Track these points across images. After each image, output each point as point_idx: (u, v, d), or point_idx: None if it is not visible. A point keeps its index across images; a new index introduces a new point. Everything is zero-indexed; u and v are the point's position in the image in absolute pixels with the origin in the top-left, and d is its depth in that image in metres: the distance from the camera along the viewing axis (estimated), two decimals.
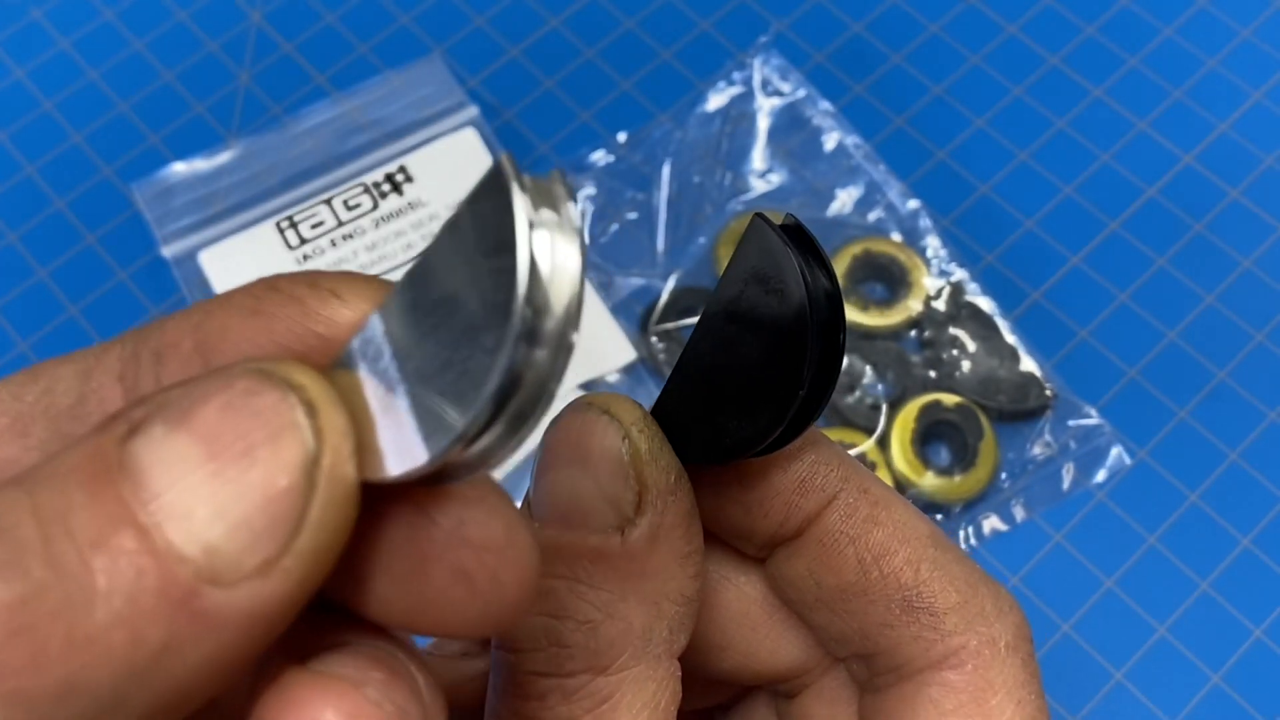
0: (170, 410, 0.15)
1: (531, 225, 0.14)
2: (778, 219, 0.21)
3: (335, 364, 0.16)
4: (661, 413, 0.22)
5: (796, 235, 0.20)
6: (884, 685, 0.23)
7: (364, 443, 0.15)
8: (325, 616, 0.17)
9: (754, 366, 0.21)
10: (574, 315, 0.14)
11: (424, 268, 0.15)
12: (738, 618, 0.24)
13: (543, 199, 0.14)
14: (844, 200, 0.52)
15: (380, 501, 0.16)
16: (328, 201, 0.51)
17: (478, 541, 0.16)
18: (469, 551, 0.16)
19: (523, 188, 0.14)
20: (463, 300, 0.14)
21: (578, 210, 0.14)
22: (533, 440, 0.16)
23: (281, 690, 0.16)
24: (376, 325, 0.16)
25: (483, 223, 0.14)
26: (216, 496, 0.14)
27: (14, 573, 0.14)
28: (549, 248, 0.14)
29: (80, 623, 0.14)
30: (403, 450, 0.15)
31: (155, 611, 0.14)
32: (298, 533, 0.15)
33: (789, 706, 0.26)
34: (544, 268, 0.14)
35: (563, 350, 0.14)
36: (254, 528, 0.14)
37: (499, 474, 0.47)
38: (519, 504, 0.21)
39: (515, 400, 0.14)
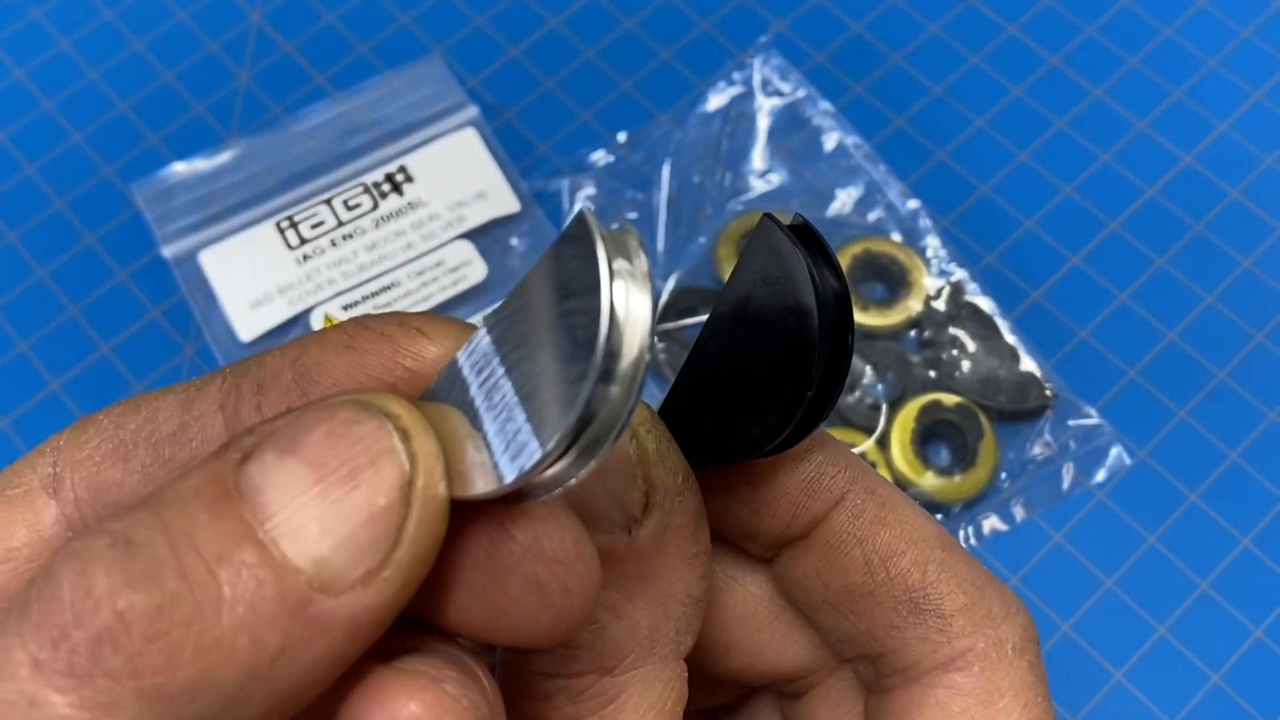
0: (279, 438, 0.17)
1: (613, 275, 0.15)
2: (786, 220, 0.21)
3: (424, 395, 0.18)
4: (668, 413, 0.22)
5: (805, 236, 0.20)
6: (890, 687, 0.23)
7: (452, 466, 0.17)
8: (404, 624, 0.18)
9: (762, 367, 0.21)
10: (644, 358, 0.16)
11: (508, 309, 0.17)
12: (744, 618, 0.24)
13: (618, 249, 0.16)
14: (844, 200, 0.52)
15: (464, 520, 0.18)
16: (328, 201, 0.51)
17: (550, 555, 0.18)
18: (543, 565, 0.18)
19: (605, 241, 0.16)
20: (548, 339, 0.16)
21: (648, 261, 0.16)
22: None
23: (369, 686, 0.17)
24: (462, 361, 0.17)
25: (567, 271, 0.16)
26: (325, 515, 0.16)
27: (152, 584, 0.15)
28: (625, 296, 0.15)
29: (209, 628, 0.15)
30: (487, 473, 0.17)
31: (274, 618, 0.16)
32: (396, 546, 0.16)
33: (794, 707, 0.26)
34: (620, 313, 0.15)
35: (634, 388, 0.16)
36: (358, 542, 0.16)
37: None
38: None
39: (590, 430, 0.16)
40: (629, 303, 0.15)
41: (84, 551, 0.16)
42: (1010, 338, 0.48)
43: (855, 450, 0.47)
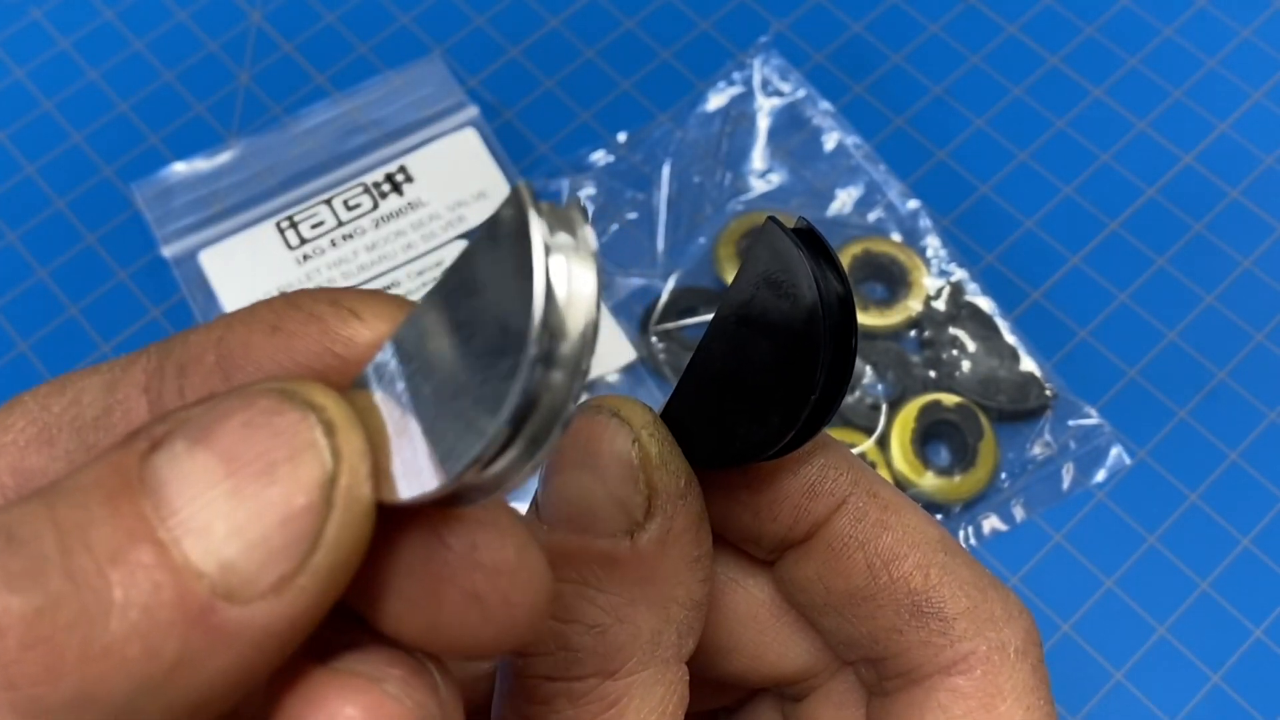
0: (191, 427, 0.15)
1: (548, 250, 0.14)
2: (790, 222, 0.21)
3: (353, 385, 0.16)
4: (671, 416, 0.22)
5: (808, 238, 0.20)
6: (892, 690, 0.23)
7: (380, 465, 0.15)
8: (344, 618, 0.17)
9: (765, 370, 0.21)
10: (590, 339, 0.14)
11: (442, 290, 0.15)
12: (745, 620, 0.24)
13: (560, 224, 0.14)
14: (844, 200, 0.52)
15: (394, 523, 0.16)
16: (328, 201, 0.51)
17: (489, 565, 0.16)
18: (481, 575, 0.16)
19: (539, 213, 0.14)
20: (480, 324, 0.15)
21: (594, 236, 0.14)
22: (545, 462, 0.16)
23: (303, 688, 0.16)
24: (394, 347, 0.16)
25: (500, 248, 0.14)
26: (235, 514, 0.15)
27: (32, 584, 0.14)
28: (565, 272, 0.14)
29: (96, 635, 0.14)
30: (418, 473, 0.15)
31: (171, 625, 0.14)
32: (314, 551, 0.15)
33: (796, 710, 0.26)
34: (560, 292, 0.14)
35: (579, 374, 0.14)
36: (271, 545, 0.15)
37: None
38: (526, 506, 0.21)
39: (531, 423, 0.14)
40: (570, 280, 0.14)
41: None
42: (1010, 338, 0.48)
43: (855, 450, 0.47)
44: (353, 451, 0.15)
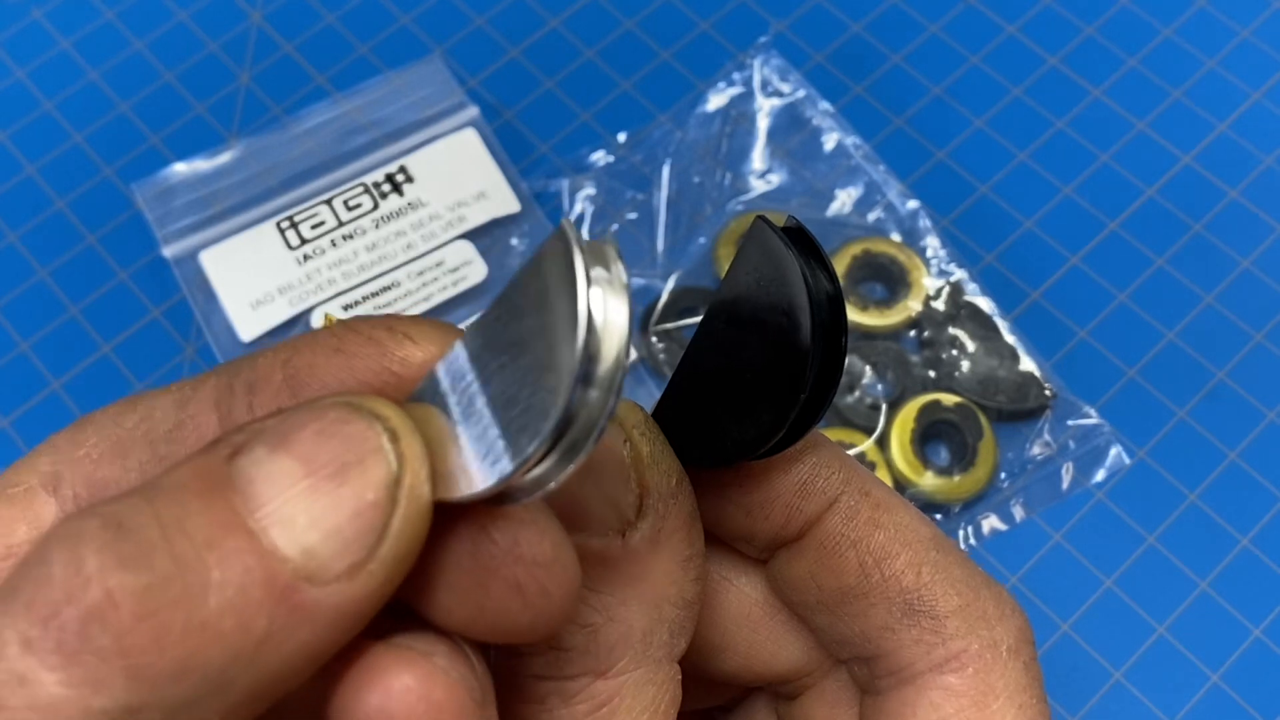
0: (270, 435, 0.17)
1: (590, 283, 0.16)
2: (780, 221, 0.21)
3: (410, 398, 0.18)
4: (662, 415, 0.22)
5: (798, 237, 0.20)
6: (885, 688, 0.23)
7: (436, 468, 0.17)
8: (393, 608, 0.19)
9: (755, 369, 0.21)
10: (623, 362, 0.16)
11: (492, 315, 0.17)
12: (738, 619, 0.24)
13: (597, 259, 0.16)
14: (844, 200, 0.52)
15: (447, 523, 0.18)
16: (328, 202, 0.52)
17: (529, 558, 0.18)
18: (522, 567, 0.18)
19: (583, 250, 0.16)
20: (528, 346, 0.17)
21: (627, 271, 0.16)
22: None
23: (364, 660, 0.18)
24: (446, 365, 0.18)
25: (546, 279, 0.16)
26: (313, 508, 0.17)
27: (142, 565, 0.16)
28: (602, 304, 0.16)
29: (197, 610, 0.16)
30: (469, 475, 0.17)
31: (261, 603, 0.16)
32: (381, 542, 0.17)
33: (790, 708, 0.26)
34: (598, 320, 0.16)
35: (613, 392, 0.16)
36: (345, 536, 0.17)
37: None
38: None
39: (570, 434, 0.16)
40: (606, 310, 0.16)
41: (76, 532, 0.16)
42: (1010, 338, 0.48)
43: (854, 451, 0.47)
44: (414, 455, 0.17)
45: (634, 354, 0.49)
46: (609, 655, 0.20)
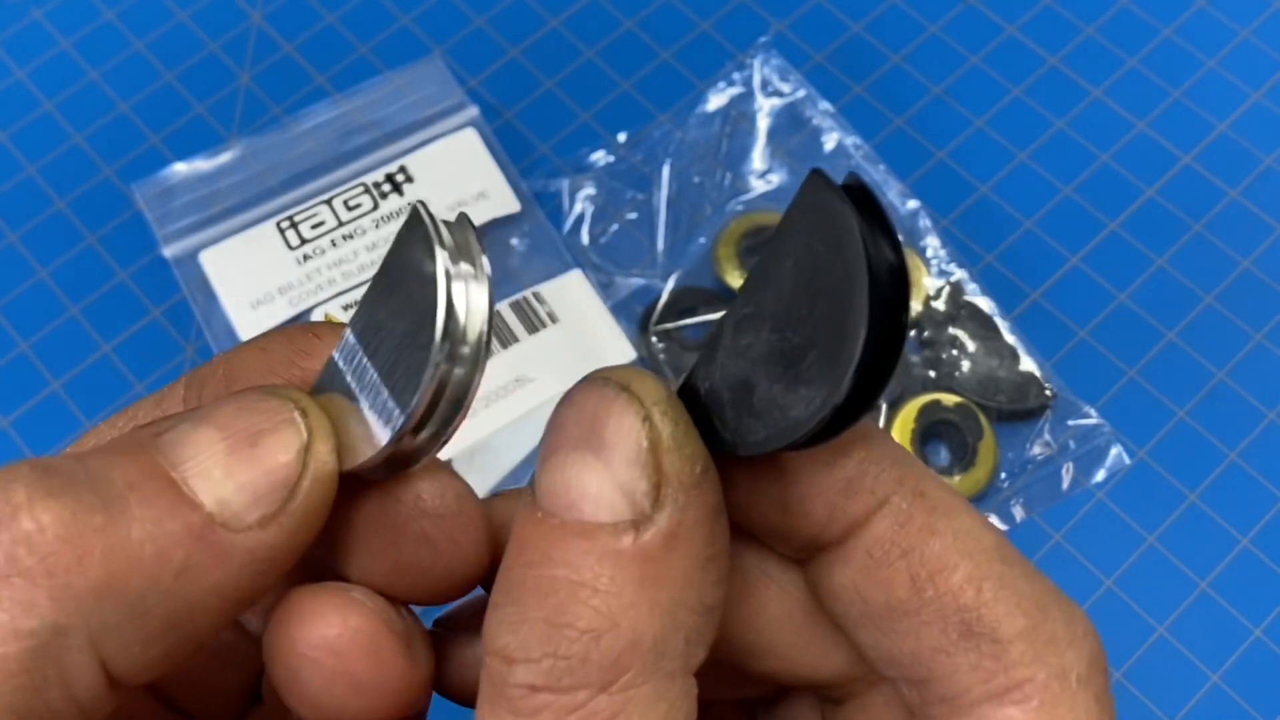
0: (193, 414, 0.19)
1: (448, 275, 0.18)
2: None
3: (314, 388, 0.21)
4: (689, 393, 0.20)
5: (860, 197, 0.18)
6: (937, 716, 0.20)
7: (342, 441, 0.20)
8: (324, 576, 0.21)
9: (801, 345, 0.18)
10: (485, 341, 0.19)
11: (372, 297, 0.20)
12: (779, 620, 0.22)
13: (458, 250, 0.19)
14: None
15: (357, 491, 0.20)
16: (328, 202, 0.52)
17: (433, 511, 0.20)
18: (428, 520, 0.20)
19: (441, 243, 0.18)
20: (403, 318, 0.19)
21: (487, 259, 0.19)
22: (464, 432, 0.21)
23: (289, 600, 0.21)
24: (341, 349, 0.20)
25: (410, 269, 0.19)
26: (229, 463, 0.19)
27: (68, 494, 0.17)
28: (464, 294, 0.18)
29: (119, 537, 0.17)
30: (365, 444, 0.19)
31: (179, 537, 0.18)
32: (291, 499, 0.19)
33: (835, 712, 0.23)
34: (459, 309, 0.18)
35: (478, 367, 0.19)
36: (258, 489, 0.19)
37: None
38: (526, 487, 0.20)
39: (443, 402, 0.19)
40: (469, 298, 0.18)
41: (6, 472, 0.18)
42: (1010, 338, 0.48)
43: None
44: (321, 426, 0.19)
45: (634, 353, 0.49)
46: (614, 666, 0.18)
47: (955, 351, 0.48)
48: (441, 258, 0.18)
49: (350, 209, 0.51)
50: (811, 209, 0.18)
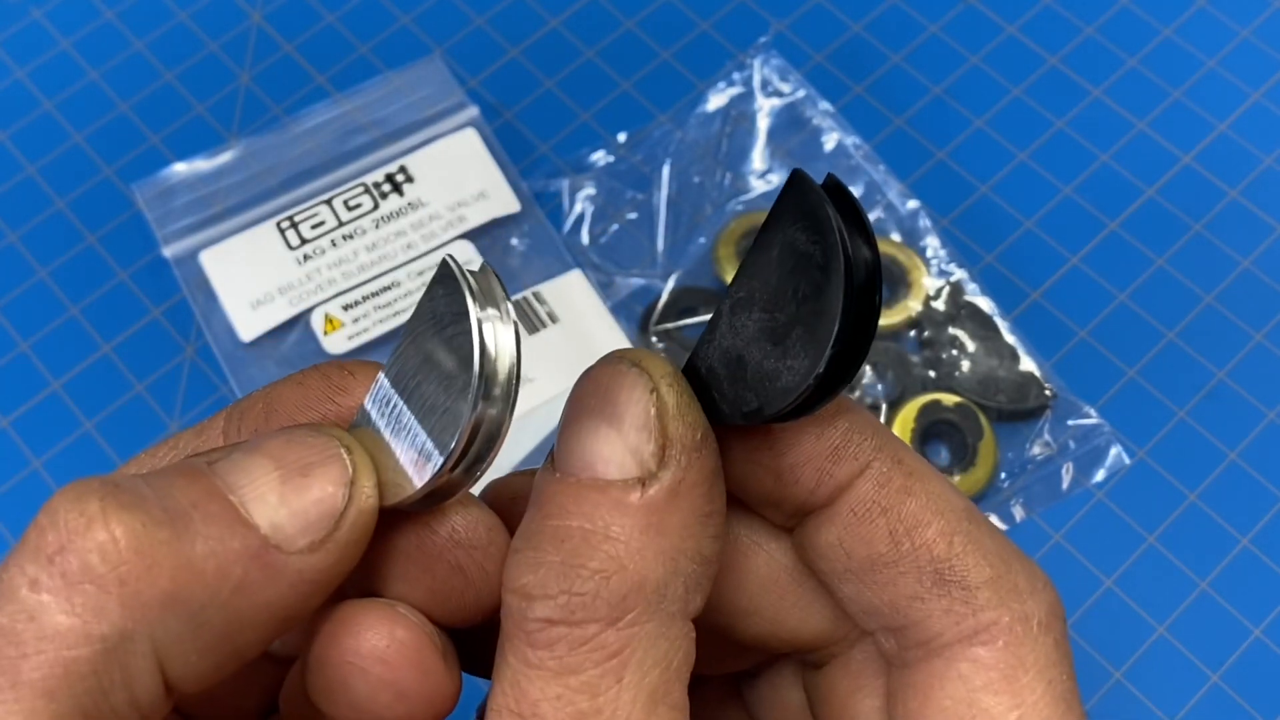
0: (246, 444, 0.21)
1: (480, 323, 0.20)
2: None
3: (351, 425, 0.22)
4: (691, 371, 0.22)
5: (837, 195, 0.20)
6: (913, 660, 0.23)
7: (380, 478, 0.21)
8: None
9: (786, 324, 0.21)
10: (515, 380, 0.20)
11: (406, 346, 0.21)
12: (766, 584, 0.24)
13: (487, 299, 0.20)
14: None
15: (394, 524, 0.22)
16: (328, 202, 0.52)
17: (466, 543, 0.22)
18: (461, 551, 0.22)
19: (473, 294, 0.20)
20: (439, 366, 0.20)
21: (510, 304, 0.20)
22: (495, 464, 0.22)
23: (338, 613, 0.22)
24: (374, 395, 0.22)
25: (443, 318, 0.20)
26: (282, 491, 0.20)
27: (139, 509, 0.19)
28: (493, 337, 0.20)
29: (185, 551, 0.19)
30: (408, 478, 0.21)
31: (237, 556, 0.19)
32: (338, 528, 0.20)
33: (816, 677, 0.26)
34: (490, 352, 0.20)
35: (509, 404, 0.20)
36: (309, 517, 0.20)
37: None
38: (545, 458, 0.23)
39: (479, 440, 0.20)
40: (497, 341, 0.20)
41: (78, 486, 0.19)
42: (1010, 338, 0.48)
43: None
44: (364, 464, 0.21)
45: None
46: (621, 604, 0.20)
47: (955, 351, 0.48)
48: (473, 308, 0.20)
49: (350, 209, 0.51)
50: (794, 204, 0.20)
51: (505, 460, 0.47)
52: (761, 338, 0.21)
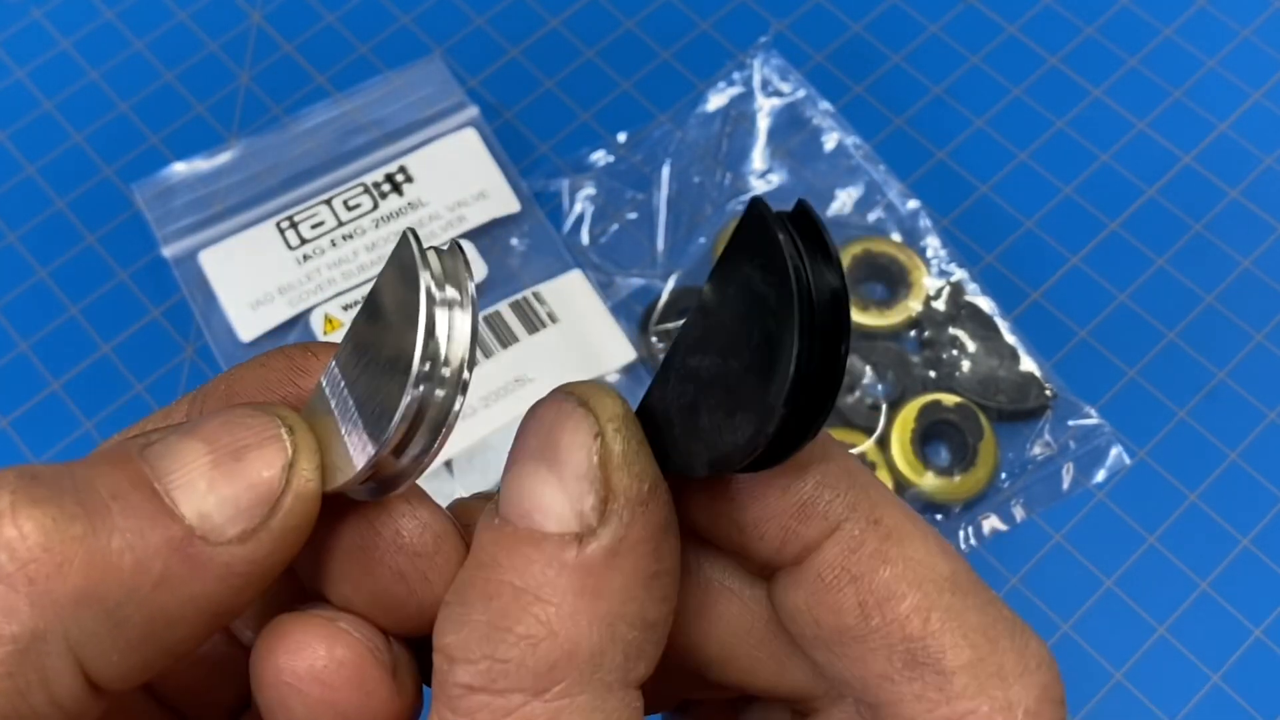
0: (181, 427, 0.19)
1: (434, 301, 0.18)
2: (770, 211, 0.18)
3: (304, 410, 0.21)
4: (646, 413, 0.20)
5: (801, 224, 0.18)
6: None
7: (326, 461, 0.20)
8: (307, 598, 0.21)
9: (739, 372, 0.18)
10: (468, 365, 0.19)
11: (358, 323, 0.20)
12: (739, 633, 0.22)
13: (447, 278, 0.19)
14: (844, 200, 0.52)
15: (340, 515, 0.20)
16: (328, 202, 0.51)
17: (409, 547, 0.20)
18: (403, 556, 0.20)
19: (426, 268, 0.18)
20: (384, 349, 0.19)
21: (473, 284, 0.19)
22: (446, 450, 0.20)
23: (276, 626, 0.20)
24: (328, 375, 0.20)
25: (395, 296, 0.19)
26: (213, 477, 0.19)
27: (51, 503, 0.18)
28: (447, 319, 0.18)
29: (100, 546, 0.17)
30: (346, 467, 0.19)
31: (158, 548, 0.18)
32: (273, 515, 0.19)
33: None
34: (441, 333, 0.18)
35: (460, 390, 0.19)
36: (240, 504, 0.19)
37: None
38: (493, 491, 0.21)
39: (424, 426, 0.19)
40: (451, 321, 0.18)
41: None
42: (1010, 338, 0.48)
43: (855, 450, 0.47)
44: (306, 445, 0.19)
45: (634, 353, 0.49)
46: (548, 674, 0.18)
47: (955, 351, 0.48)
48: (425, 283, 0.18)
49: (350, 209, 0.51)
50: (751, 237, 0.18)
51: (505, 460, 0.47)
52: (714, 385, 0.19)
